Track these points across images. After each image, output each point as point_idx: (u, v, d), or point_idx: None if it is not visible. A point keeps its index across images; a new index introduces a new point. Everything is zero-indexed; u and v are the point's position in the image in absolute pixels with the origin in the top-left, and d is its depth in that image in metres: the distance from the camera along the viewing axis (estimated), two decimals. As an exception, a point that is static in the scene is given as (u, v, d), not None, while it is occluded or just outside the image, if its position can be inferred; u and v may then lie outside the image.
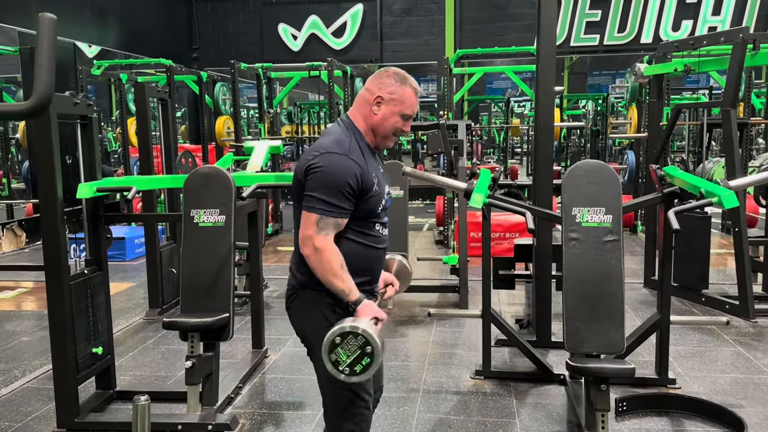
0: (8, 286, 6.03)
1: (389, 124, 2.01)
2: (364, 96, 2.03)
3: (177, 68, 8.37)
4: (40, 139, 2.89)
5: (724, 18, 11.46)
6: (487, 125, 15.85)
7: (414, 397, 3.42)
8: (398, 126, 2.03)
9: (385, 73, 2.02)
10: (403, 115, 2.02)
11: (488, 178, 3.55)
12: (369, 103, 2.01)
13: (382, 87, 2.00)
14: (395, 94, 1.99)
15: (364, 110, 2.02)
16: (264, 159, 4.48)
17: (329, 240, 1.91)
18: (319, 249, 1.89)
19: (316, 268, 1.92)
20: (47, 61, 1.26)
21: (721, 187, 3.10)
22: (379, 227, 2.06)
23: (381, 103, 2.00)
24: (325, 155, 1.91)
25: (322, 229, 1.89)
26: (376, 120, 2.01)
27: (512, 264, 4.31)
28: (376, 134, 2.04)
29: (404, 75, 2.03)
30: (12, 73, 8.56)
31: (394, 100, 1.99)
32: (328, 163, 1.90)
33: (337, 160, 1.90)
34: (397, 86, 2.00)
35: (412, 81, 2.04)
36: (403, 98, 2.00)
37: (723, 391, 3.45)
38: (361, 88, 2.09)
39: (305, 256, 1.93)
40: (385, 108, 2.00)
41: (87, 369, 3.15)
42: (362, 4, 12.46)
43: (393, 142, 2.11)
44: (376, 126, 2.02)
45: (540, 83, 3.97)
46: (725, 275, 5.93)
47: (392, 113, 2.00)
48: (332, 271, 1.90)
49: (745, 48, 4.54)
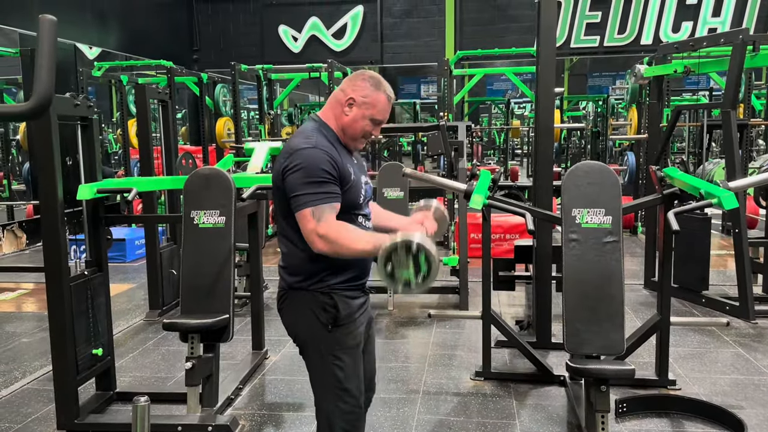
0: (8, 288, 6.03)
1: (359, 126, 2.02)
2: (337, 96, 2.05)
3: (177, 70, 8.38)
4: (41, 140, 2.90)
5: (724, 19, 11.47)
6: (488, 126, 15.87)
7: (414, 399, 3.42)
8: (368, 129, 2.04)
9: (361, 76, 2.03)
10: (374, 119, 2.03)
11: (488, 179, 3.55)
12: (341, 103, 2.02)
13: (355, 89, 2.01)
14: (368, 98, 2.00)
15: (336, 110, 2.04)
16: (264, 160, 4.50)
17: (330, 221, 1.89)
18: (325, 235, 1.87)
19: (337, 252, 1.90)
20: (47, 63, 1.27)
21: (720, 189, 3.10)
22: (362, 219, 2.06)
23: (353, 104, 2.01)
24: (295, 154, 1.93)
25: (319, 217, 1.88)
26: (346, 121, 2.02)
27: (512, 265, 4.31)
28: (345, 135, 2.05)
29: (379, 80, 2.04)
30: (12, 75, 8.57)
31: (366, 103, 2.00)
32: (299, 160, 1.91)
33: (307, 153, 1.91)
34: (371, 90, 2.01)
35: (387, 87, 2.05)
36: (375, 103, 2.01)
37: (723, 392, 3.45)
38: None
39: (320, 251, 1.90)
40: (356, 110, 2.01)
41: (87, 370, 3.15)
42: (362, 6, 12.48)
43: (362, 144, 2.12)
44: (345, 127, 2.03)
45: (540, 85, 3.98)
46: (725, 276, 5.93)
47: (363, 116, 2.01)
48: (352, 242, 1.89)
49: (744, 49, 4.55)
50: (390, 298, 5.06)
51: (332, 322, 2.00)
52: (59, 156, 2.93)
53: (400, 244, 1.76)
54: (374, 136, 2.09)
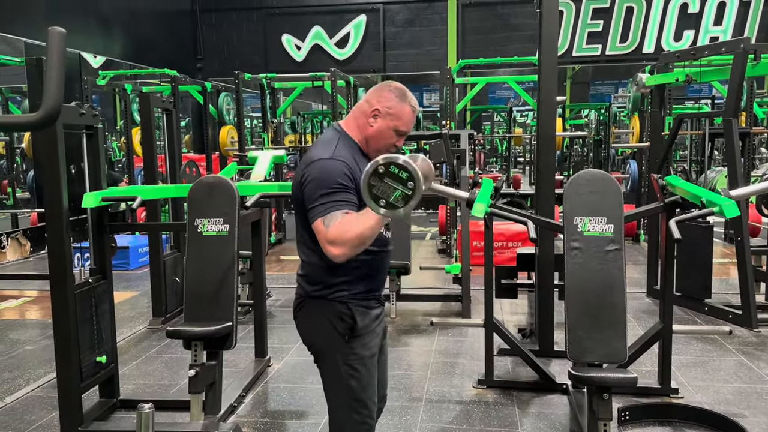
0: (13, 295, 6.05)
1: (383, 137, 2.02)
2: (362, 107, 2.05)
3: (181, 78, 8.43)
4: (47, 149, 2.92)
5: (725, 28, 11.49)
6: (490, 135, 15.89)
7: (416, 407, 3.42)
8: (392, 141, 2.04)
9: (387, 87, 2.03)
10: (398, 131, 2.03)
11: (490, 187, 3.56)
12: (366, 114, 2.02)
13: (381, 100, 2.01)
14: (393, 109, 2.00)
15: (360, 121, 2.04)
16: (267, 168, 4.51)
17: (336, 224, 1.83)
18: (335, 239, 1.80)
19: (349, 245, 1.81)
20: (56, 74, 1.29)
21: (722, 197, 3.11)
22: (382, 229, 2.06)
23: (378, 116, 2.01)
24: (313, 164, 1.93)
25: (328, 225, 1.83)
26: (371, 132, 2.02)
27: (515, 273, 4.32)
28: (369, 146, 2.05)
29: (404, 91, 2.04)
30: (18, 84, 8.63)
31: (391, 115, 2.00)
32: (315, 171, 1.91)
33: (323, 164, 1.91)
34: (396, 102, 2.01)
35: (412, 98, 2.05)
36: (401, 114, 2.01)
37: (726, 400, 3.45)
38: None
39: (338, 258, 1.83)
40: (381, 122, 2.01)
41: (91, 377, 3.16)
42: (365, 15, 12.53)
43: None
44: (370, 138, 2.03)
45: (542, 93, 4.00)
46: (728, 285, 5.92)
47: (388, 128, 2.01)
48: (355, 227, 1.80)
49: (746, 58, 4.56)
50: (392, 305, 5.07)
51: (349, 332, 1.99)
52: (65, 164, 2.95)
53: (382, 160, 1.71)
54: (397, 147, 2.08)
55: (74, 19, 9.59)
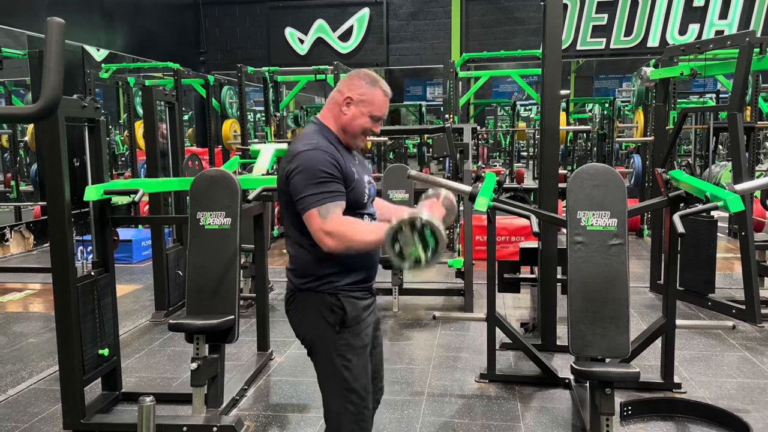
0: (16, 288, 6.07)
1: (358, 124, 2.04)
2: (334, 97, 2.07)
3: (184, 72, 8.42)
4: (48, 142, 2.92)
5: (731, 22, 11.43)
6: (493, 129, 15.84)
7: (419, 401, 3.42)
8: (367, 126, 2.06)
9: (356, 75, 2.06)
10: (372, 116, 2.05)
11: (493, 181, 3.55)
12: (339, 103, 2.04)
13: (352, 88, 2.03)
14: (365, 95, 2.02)
15: (335, 111, 2.06)
16: (270, 162, 4.51)
17: (337, 217, 1.90)
18: (333, 231, 1.88)
19: (348, 246, 1.90)
20: (55, 65, 1.28)
21: (726, 191, 3.09)
22: (367, 219, 2.08)
23: (350, 103, 2.03)
24: (297, 156, 1.95)
25: (325, 215, 1.89)
26: (345, 120, 2.04)
27: (517, 267, 4.31)
28: (346, 134, 2.07)
29: (375, 77, 2.06)
30: (21, 77, 8.62)
31: (364, 101, 2.03)
32: (301, 162, 1.93)
33: (308, 155, 1.94)
34: (367, 87, 2.03)
35: (383, 83, 2.07)
36: (373, 99, 2.03)
37: (729, 395, 3.44)
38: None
39: (331, 250, 1.90)
40: (354, 109, 2.03)
41: (93, 370, 3.16)
42: (369, 8, 12.49)
43: (363, 142, 2.14)
44: (345, 126, 2.05)
45: (546, 87, 3.98)
46: (732, 279, 5.90)
47: (361, 114, 2.03)
48: (360, 234, 1.90)
49: (751, 52, 4.54)
50: (395, 299, 5.07)
51: (339, 323, 2.01)
52: (67, 157, 2.95)
53: (406, 221, 1.76)
54: (375, 133, 2.11)
55: (77, 11, 9.58)
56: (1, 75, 8.09)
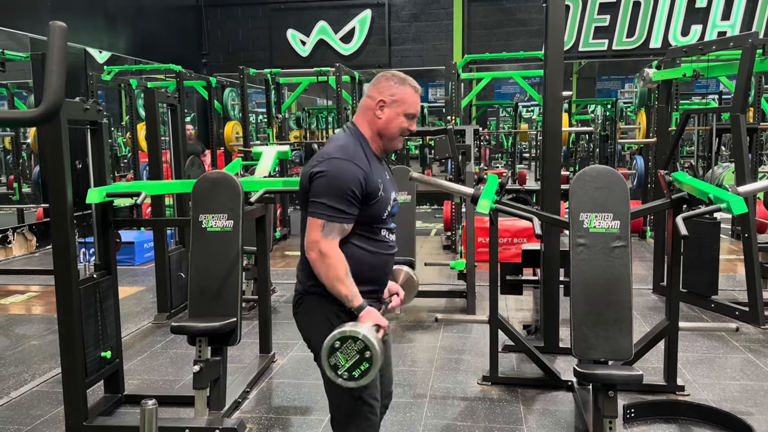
0: (18, 290, 6.07)
1: (395, 125, 2.04)
2: (366, 103, 2.06)
3: (186, 74, 8.43)
4: (51, 144, 2.92)
5: (733, 23, 11.40)
6: (495, 130, 15.84)
7: (421, 403, 3.41)
8: (404, 126, 2.05)
9: (383, 77, 2.05)
10: (407, 114, 2.05)
11: (495, 183, 3.55)
12: (372, 108, 2.04)
13: (382, 91, 2.03)
14: (396, 95, 2.02)
15: (368, 116, 2.05)
16: (272, 164, 4.50)
17: (335, 245, 1.93)
18: (324, 254, 1.91)
19: (321, 272, 1.94)
20: (57, 69, 1.28)
21: (729, 193, 3.09)
22: (385, 232, 2.06)
23: (384, 106, 2.02)
24: (329, 161, 1.94)
25: (328, 234, 1.91)
26: (381, 123, 2.03)
27: (520, 269, 4.30)
28: (383, 137, 2.05)
29: (402, 76, 2.06)
30: (23, 79, 8.64)
31: (396, 101, 2.02)
32: (331, 169, 1.92)
33: (341, 165, 1.93)
34: (397, 87, 2.02)
35: (411, 80, 2.07)
36: (405, 98, 2.03)
37: (732, 398, 3.43)
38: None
39: (311, 261, 1.95)
40: (388, 111, 2.02)
41: (96, 373, 3.16)
42: (370, 10, 12.48)
43: (401, 143, 2.14)
44: (381, 129, 2.04)
45: (548, 88, 3.97)
46: (735, 281, 5.89)
47: (396, 114, 2.03)
48: (337, 277, 1.92)
49: (754, 53, 4.53)
50: (397, 301, 5.06)
51: None
52: (69, 159, 2.95)
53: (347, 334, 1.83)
54: (411, 132, 2.10)
55: (79, 14, 9.59)
56: (4, 77, 8.11)
